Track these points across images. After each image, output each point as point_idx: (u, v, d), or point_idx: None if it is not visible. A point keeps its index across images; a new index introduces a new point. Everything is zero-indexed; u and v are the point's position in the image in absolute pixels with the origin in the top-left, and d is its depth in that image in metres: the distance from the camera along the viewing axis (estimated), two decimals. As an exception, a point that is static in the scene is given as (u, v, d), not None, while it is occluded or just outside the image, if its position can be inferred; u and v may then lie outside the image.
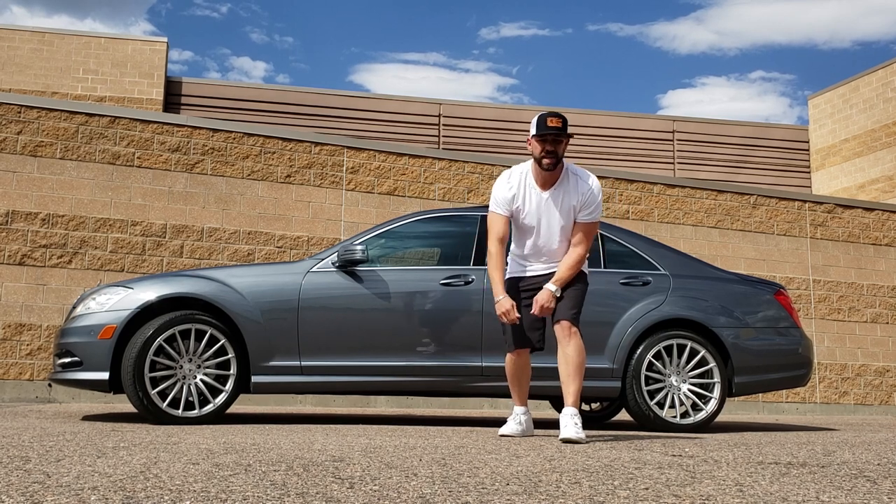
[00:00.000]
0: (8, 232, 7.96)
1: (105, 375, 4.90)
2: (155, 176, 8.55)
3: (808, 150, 17.50)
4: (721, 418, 7.28)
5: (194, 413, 4.93)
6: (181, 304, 5.07)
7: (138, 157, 8.52)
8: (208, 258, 8.56)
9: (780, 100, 48.57)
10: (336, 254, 5.32)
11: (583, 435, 4.11)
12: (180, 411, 4.91)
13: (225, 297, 5.08)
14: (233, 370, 5.04)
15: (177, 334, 4.93)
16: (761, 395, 10.19)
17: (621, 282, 5.69)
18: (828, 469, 3.06)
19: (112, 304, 5.02)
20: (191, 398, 4.96)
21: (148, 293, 5.02)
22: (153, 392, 4.84)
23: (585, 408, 6.81)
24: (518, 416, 4.55)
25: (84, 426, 4.53)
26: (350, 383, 5.27)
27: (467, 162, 9.86)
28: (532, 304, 4.37)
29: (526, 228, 4.44)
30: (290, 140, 9.13)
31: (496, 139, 16.01)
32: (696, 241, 10.62)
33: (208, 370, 5.00)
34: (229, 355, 5.03)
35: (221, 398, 5.01)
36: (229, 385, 5.02)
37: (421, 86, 46.85)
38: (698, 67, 53.24)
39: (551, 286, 4.31)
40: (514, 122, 16.12)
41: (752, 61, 51.15)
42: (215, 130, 8.88)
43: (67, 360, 5.07)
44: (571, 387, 4.25)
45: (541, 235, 4.41)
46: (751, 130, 17.51)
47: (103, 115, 8.50)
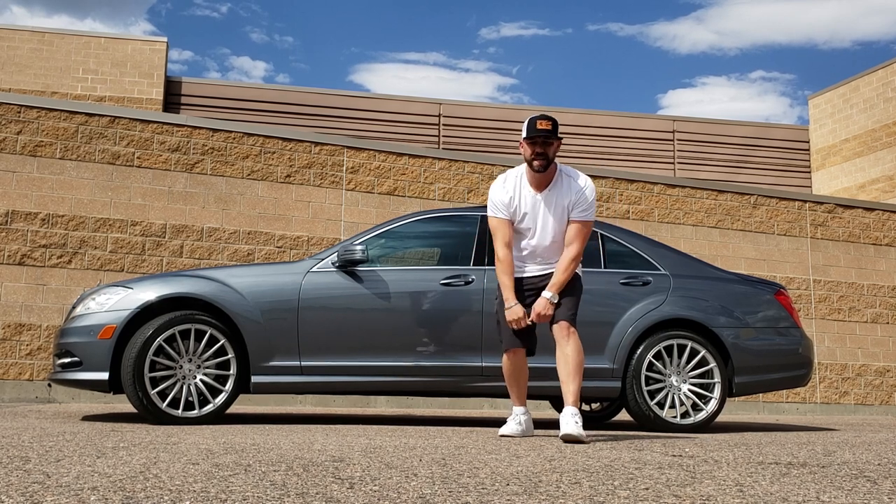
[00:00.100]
0: (8, 232, 7.96)
1: (105, 375, 4.90)
2: (155, 176, 8.55)
3: (809, 150, 17.50)
4: (721, 418, 7.28)
5: (194, 413, 4.93)
6: (181, 304, 5.07)
7: (138, 157, 8.52)
8: (208, 258, 8.56)
9: (780, 100, 48.59)
10: (336, 254, 5.31)
11: (584, 433, 4.11)
12: (180, 411, 4.90)
13: (225, 297, 5.08)
14: (233, 370, 5.04)
15: (177, 334, 4.92)
16: (761, 395, 10.19)
17: (621, 282, 5.68)
18: (828, 469, 3.06)
19: (112, 304, 5.02)
20: (190, 398, 4.95)
21: (148, 293, 5.02)
22: (153, 392, 4.84)
23: (585, 408, 6.81)
24: (518, 416, 4.55)
25: (84, 426, 4.53)
26: (350, 383, 5.27)
27: (467, 162, 9.86)
28: (526, 306, 4.41)
29: (522, 230, 4.48)
30: (290, 140, 9.13)
31: (496, 139, 16.01)
32: (696, 241, 10.62)
33: (208, 370, 5.00)
34: (229, 355, 5.03)
35: (221, 398, 5.00)
36: (229, 385, 5.02)
37: (421, 86, 46.86)
38: (698, 67, 53.27)
39: (548, 293, 4.33)
40: (514, 122, 16.11)
41: (752, 61, 51.18)
42: (215, 130, 8.88)
43: (67, 360, 5.07)
44: (571, 386, 4.25)
45: (536, 236, 4.44)
46: (751, 130, 17.51)
47: (103, 115, 8.50)
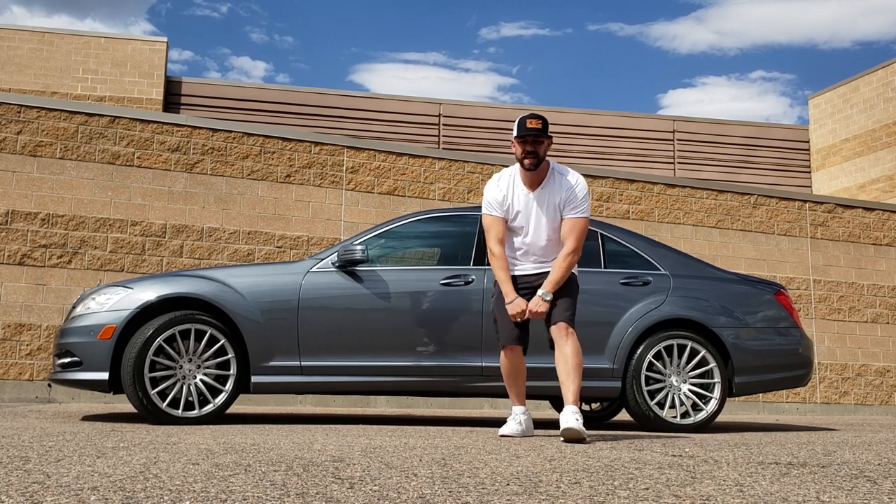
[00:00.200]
0: (8, 232, 7.96)
1: (105, 375, 4.90)
2: (155, 176, 8.55)
3: (809, 150, 17.50)
4: (721, 418, 7.28)
5: (194, 413, 4.93)
6: (181, 304, 5.07)
7: (138, 157, 8.52)
8: (208, 258, 8.56)
9: (780, 100, 48.59)
10: (336, 254, 5.31)
11: (584, 430, 4.12)
12: (180, 411, 4.90)
13: (225, 297, 5.08)
14: (233, 370, 5.04)
15: (177, 334, 4.92)
16: (761, 395, 10.19)
17: (621, 282, 5.68)
18: (828, 469, 3.06)
19: (112, 304, 5.02)
20: (190, 398, 4.95)
21: (148, 293, 5.02)
22: (153, 392, 4.84)
23: (585, 408, 6.81)
24: (518, 416, 4.55)
25: (84, 426, 4.53)
26: (350, 383, 5.27)
27: (467, 162, 9.86)
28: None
29: (515, 229, 4.51)
30: (290, 140, 9.13)
31: (496, 139, 16.00)
32: (696, 241, 10.62)
33: (208, 370, 5.00)
34: (229, 355, 5.03)
35: (221, 398, 5.00)
36: (229, 385, 5.02)
37: (421, 86, 46.86)
38: (698, 67, 53.27)
39: (542, 291, 4.36)
40: (513, 123, 16.10)
41: (752, 61, 51.18)
42: (215, 130, 8.88)
43: (67, 360, 5.07)
44: (571, 385, 4.26)
45: (530, 234, 4.48)
46: (751, 130, 17.51)
47: (103, 115, 8.50)
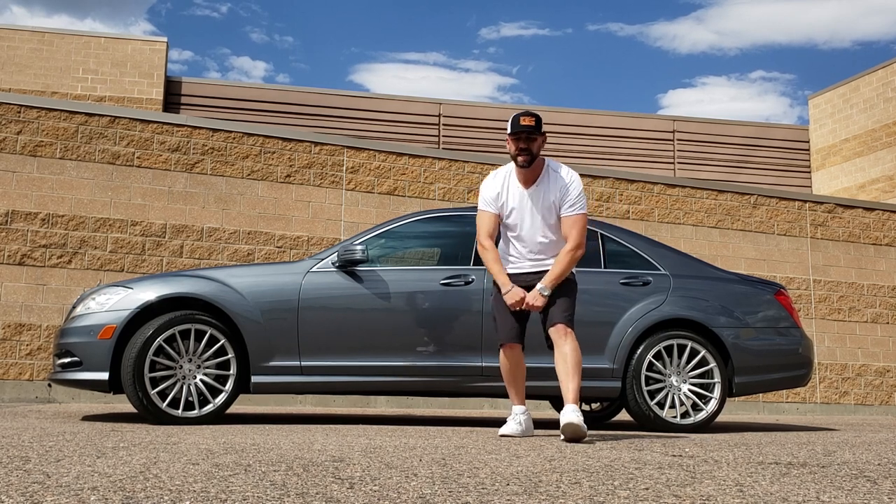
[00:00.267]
0: (8, 232, 7.96)
1: (105, 375, 4.90)
2: (155, 176, 8.55)
3: (809, 150, 17.50)
4: (721, 418, 7.28)
5: (194, 413, 4.93)
6: (181, 304, 5.07)
7: (138, 157, 8.52)
8: (208, 258, 8.56)
9: (780, 100, 48.59)
10: (336, 254, 5.31)
11: (585, 426, 4.12)
12: (180, 411, 4.90)
13: (225, 297, 5.08)
14: (233, 370, 5.04)
15: (177, 334, 4.92)
16: (761, 395, 10.19)
17: (621, 282, 5.68)
18: (828, 469, 3.06)
19: (112, 304, 5.02)
20: (190, 398, 4.95)
21: (148, 293, 5.02)
22: (153, 392, 4.84)
23: (585, 408, 6.81)
24: (517, 416, 4.55)
25: (84, 426, 4.53)
26: (350, 383, 5.27)
27: (467, 162, 9.86)
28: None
29: (511, 226, 4.55)
30: (290, 140, 9.13)
31: (496, 139, 16.01)
32: (696, 241, 10.62)
33: (208, 370, 5.00)
34: (229, 355, 5.03)
35: (221, 398, 5.00)
36: (229, 385, 5.02)
37: (421, 86, 46.86)
38: (698, 67, 53.27)
39: (541, 286, 4.39)
40: (514, 122, 16.09)
41: (752, 61, 51.18)
42: (215, 130, 8.88)
43: (67, 360, 5.07)
44: (571, 384, 4.27)
45: (524, 231, 4.51)
46: (751, 130, 17.51)
47: (103, 115, 8.50)
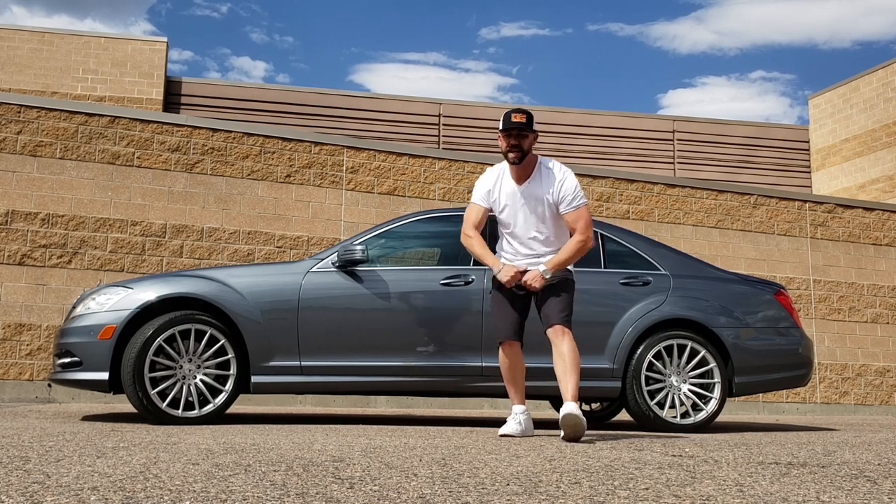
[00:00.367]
0: (8, 232, 7.96)
1: (105, 375, 4.90)
2: (155, 176, 8.55)
3: (809, 150, 17.50)
4: (721, 418, 7.28)
5: (194, 413, 4.93)
6: (181, 304, 5.07)
7: (138, 157, 8.52)
8: (208, 258, 8.56)
9: (780, 100, 48.59)
10: (336, 254, 5.31)
11: (584, 420, 4.12)
12: (180, 411, 4.90)
13: (225, 297, 5.08)
14: (233, 370, 5.04)
15: (177, 334, 4.92)
16: (761, 395, 10.19)
17: (621, 282, 5.68)
18: (828, 469, 3.06)
19: (112, 304, 5.02)
20: (190, 398, 4.95)
21: (148, 293, 5.02)
22: (153, 392, 4.84)
23: (585, 408, 6.81)
24: (517, 415, 4.55)
25: (84, 426, 4.53)
26: (350, 383, 5.27)
27: (467, 162, 9.86)
28: (520, 297, 4.52)
29: (505, 223, 4.61)
30: (290, 140, 9.13)
31: (496, 139, 15.99)
32: (696, 241, 10.62)
33: (208, 370, 5.00)
34: (229, 355, 5.03)
35: (221, 398, 5.00)
36: (229, 385, 5.02)
37: (421, 86, 46.86)
38: (698, 67, 53.26)
39: (543, 268, 4.43)
40: (514, 122, 16.07)
41: (752, 61, 51.17)
42: (215, 130, 8.88)
43: (67, 360, 5.07)
44: (569, 383, 4.28)
45: (518, 227, 4.55)
46: (751, 130, 17.51)
47: (103, 115, 8.50)
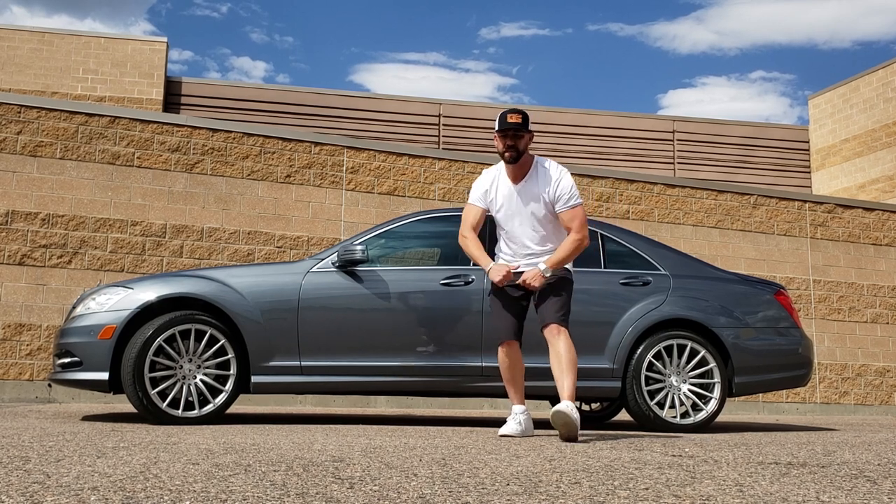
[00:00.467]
0: (8, 232, 7.96)
1: (105, 375, 4.90)
2: (155, 176, 8.55)
3: (809, 150, 17.50)
4: (721, 418, 7.28)
5: (194, 413, 4.93)
6: (181, 305, 5.07)
7: (138, 157, 8.52)
8: (208, 258, 8.56)
9: (780, 100, 48.59)
10: (336, 254, 5.32)
11: (576, 416, 4.11)
12: (180, 411, 4.90)
13: (225, 297, 5.08)
14: (233, 370, 5.04)
15: (177, 334, 4.92)
16: (761, 395, 10.19)
17: (621, 282, 5.69)
18: (828, 469, 3.06)
19: (112, 304, 5.02)
20: (191, 398, 4.95)
21: (148, 293, 5.02)
22: (153, 392, 4.84)
23: (585, 408, 6.82)
24: (517, 415, 4.55)
25: (84, 426, 4.53)
26: (350, 383, 5.27)
27: (467, 162, 9.86)
28: (518, 297, 4.53)
29: (502, 223, 4.62)
30: (290, 140, 9.13)
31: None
32: (696, 241, 10.62)
33: (208, 370, 5.00)
34: (229, 355, 5.03)
35: (221, 398, 5.00)
36: (229, 385, 5.02)
37: (421, 86, 46.86)
38: (698, 67, 53.26)
39: (542, 266, 4.45)
40: (514, 122, 16.06)
41: (752, 61, 51.18)
42: (215, 130, 8.88)
43: (67, 360, 5.07)
44: (566, 382, 4.29)
45: (515, 227, 4.57)
46: (751, 130, 17.51)
47: (103, 115, 8.50)
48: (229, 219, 8.72)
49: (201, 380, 4.98)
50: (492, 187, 4.61)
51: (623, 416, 6.91)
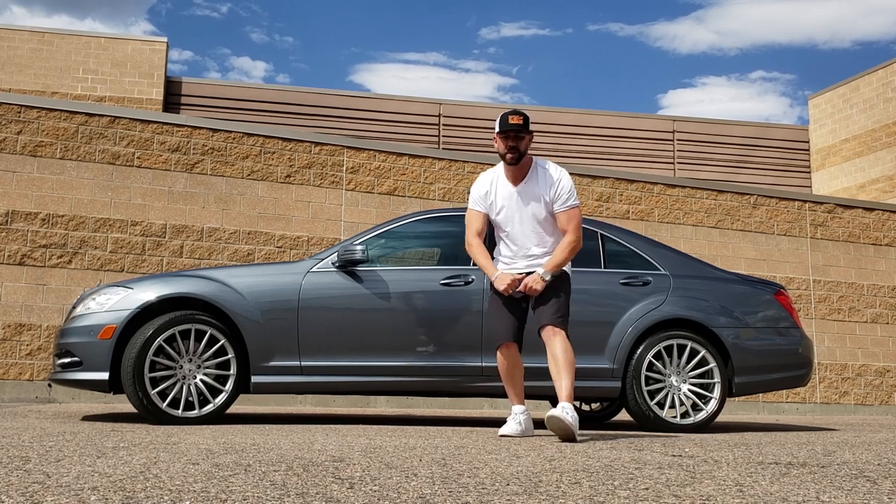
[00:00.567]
0: (8, 232, 7.96)
1: (105, 375, 4.90)
2: (155, 176, 8.55)
3: (809, 150, 17.50)
4: (721, 418, 7.28)
5: (194, 413, 4.93)
6: (181, 305, 5.07)
7: (138, 157, 8.52)
8: (208, 258, 8.56)
9: (780, 100, 48.59)
10: (336, 254, 5.32)
11: (573, 421, 4.09)
12: (180, 411, 4.90)
13: (225, 297, 5.08)
14: (233, 370, 5.04)
15: (177, 334, 4.92)
16: (761, 395, 10.19)
17: (621, 282, 5.69)
18: (828, 469, 3.06)
19: (112, 304, 5.02)
20: (191, 398, 4.95)
21: (148, 293, 5.02)
22: (153, 392, 4.84)
23: (585, 408, 6.82)
24: (517, 415, 4.55)
25: (84, 426, 4.53)
26: (350, 383, 5.27)
27: (467, 162, 9.86)
28: (518, 300, 4.53)
29: (501, 225, 4.62)
30: (290, 140, 9.13)
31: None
32: (696, 241, 10.62)
33: (208, 370, 5.00)
34: (229, 355, 5.03)
35: (221, 398, 5.00)
36: (229, 385, 5.02)
37: (421, 86, 46.87)
38: (698, 67, 53.26)
39: (542, 271, 4.46)
40: (514, 122, 16.07)
41: (752, 61, 51.18)
42: (215, 130, 8.88)
43: (67, 360, 5.07)
44: (563, 382, 4.28)
45: (515, 228, 4.57)
46: (751, 130, 17.51)
47: (103, 115, 8.50)
48: (229, 219, 8.72)
49: (201, 380, 4.98)
50: (491, 188, 4.62)
51: (623, 416, 6.91)
